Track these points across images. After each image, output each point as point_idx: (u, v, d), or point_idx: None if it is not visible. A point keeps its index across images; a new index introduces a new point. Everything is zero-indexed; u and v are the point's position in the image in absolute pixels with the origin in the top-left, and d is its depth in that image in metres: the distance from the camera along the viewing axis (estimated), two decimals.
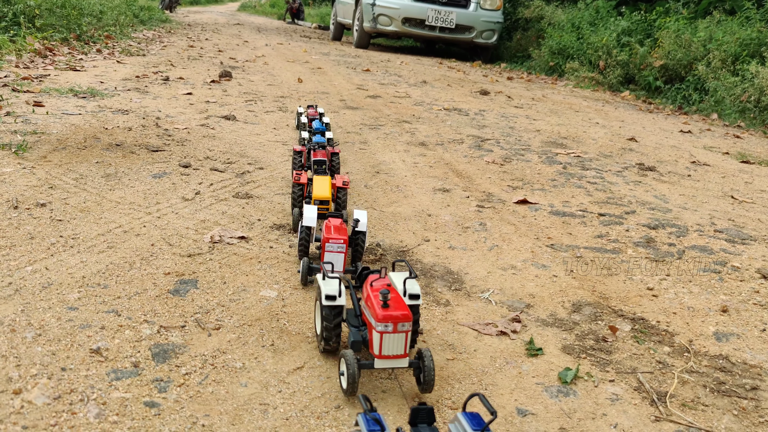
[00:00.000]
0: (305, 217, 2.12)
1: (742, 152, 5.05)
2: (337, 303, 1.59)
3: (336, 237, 1.96)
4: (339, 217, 2.12)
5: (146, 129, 3.86)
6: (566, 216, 2.94)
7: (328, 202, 2.40)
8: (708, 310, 2.09)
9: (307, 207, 2.16)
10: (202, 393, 1.48)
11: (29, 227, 2.29)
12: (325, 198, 2.39)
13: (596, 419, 1.50)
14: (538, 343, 1.82)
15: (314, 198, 2.40)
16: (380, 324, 1.47)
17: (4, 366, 1.50)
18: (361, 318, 1.62)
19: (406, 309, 1.50)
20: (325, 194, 2.40)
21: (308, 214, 2.13)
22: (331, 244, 1.96)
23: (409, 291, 1.62)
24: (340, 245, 1.96)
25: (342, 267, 1.98)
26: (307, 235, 2.12)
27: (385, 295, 1.49)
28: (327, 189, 2.43)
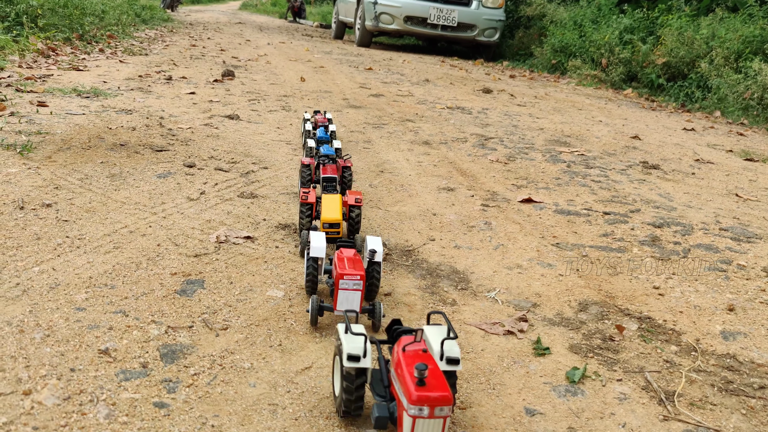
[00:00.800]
0: (312, 247, 1.88)
1: (746, 150, 5.05)
2: (361, 365, 1.35)
3: (351, 273, 1.73)
4: (352, 247, 1.93)
5: (150, 129, 3.87)
6: (571, 215, 2.94)
7: (339, 224, 2.21)
8: (714, 309, 2.09)
9: (315, 235, 1.91)
10: (211, 393, 1.48)
11: (35, 228, 2.29)
12: (335, 220, 2.20)
13: (604, 419, 1.50)
14: (546, 342, 1.82)
15: (323, 220, 2.20)
16: (414, 407, 1.22)
17: (14, 367, 1.50)
18: (389, 389, 1.37)
19: (446, 389, 1.24)
20: (334, 216, 2.20)
21: (316, 243, 1.88)
22: (346, 281, 1.73)
23: (447, 354, 1.38)
24: (356, 282, 1.74)
25: (358, 306, 1.75)
26: (315, 270, 1.91)
27: (421, 371, 1.23)
28: (337, 210, 2.24)
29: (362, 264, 1.80)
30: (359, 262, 1.80)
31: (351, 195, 2.34)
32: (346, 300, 1.73)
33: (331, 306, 1.76)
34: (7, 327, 1.66)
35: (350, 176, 2.76)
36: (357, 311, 1.65)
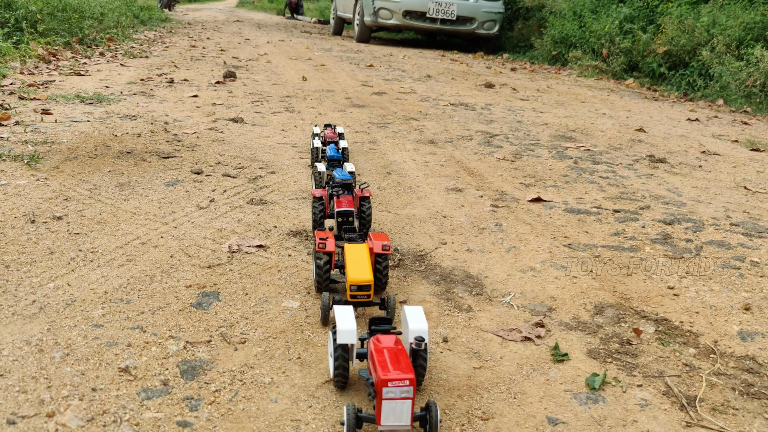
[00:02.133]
0: (340, 331, 1.49)
1: (752, 139, 5.04)
2: None
3: (398, 378, 1.32)
4: (391, 331, 1.55)
5: (155, 135, 3.86)
6: (581, 213, 2.93)
7: (370, 286, 1.80)
8: (730, 309, 2.08)
9: (342, 312, 1.54)
10: (234, 410, 1.48)
11: (48, 242, 2.29)
12: (364, 282, 1.80)
13: (627, 426, 1.50)
14: (564, 348, 1.81)
15: (350, 281, 1.80)
16: None
17: (36, 388, 1.50)
18: None
19: None
20: (364, 276, 1.80)
21: (344, 325, 1.49)
22: (392, 389, 1.32)
23: None
24: (406, 390, 1.32)
25: (409, 420, 1.35)
26: (346, 361, 1.52)
27: None
28: (366, 266, 1.84)
29: (408, 359, 1.40)
30: (405, 357, 1.40)
31: (377, 240, 1.98)
32: (393, 412, 1.33)
33: (372, 416, 1.37)
34: (27, 346, 1.66)
35: (369, 209, 2.40)
36: (409, 425, 1.34)
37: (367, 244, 1.97)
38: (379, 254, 1.96)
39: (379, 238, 1.99)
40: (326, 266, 1.95)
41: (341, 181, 2.45)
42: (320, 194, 2.40)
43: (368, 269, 1.83)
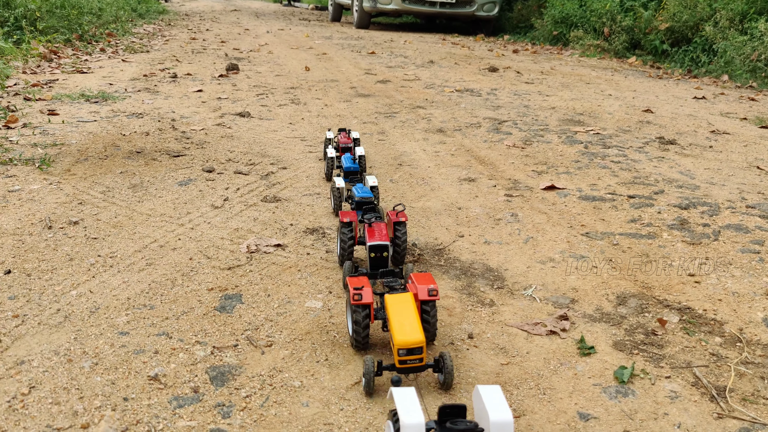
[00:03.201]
0: (405, 426, 1.18)
1: (760, 116, 5.01)
2: None
3: None
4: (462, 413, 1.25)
5: (163, 132, 3.85)
6: (596, 200, 2.93)
7: (422, 349, 1.53)
8: (753, 295, 2.08)
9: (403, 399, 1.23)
10: (266, 416, 1.49)
11: (66, 248, 2.29)
12: (416, 344, 1.52)
13: (658, 419, 1.50)
14: (589, 341, 1.82)
15: (398, 345, 1.52)
16: None
17: (68, 399, 1.51)
18: None
19: None
20: (415, 338, 1.53)
21: (410, 419, 1.18)
22: None
23: None
24: None
25: None
26: None
27: None
28: (415, 324, 1.56)
29: None
30: None
31: (421, 284, 1.68)
32: None
33: None
34: (56, 357, 1.66)
35: (404, 237, 2.10)
36: None
37: (410, 292, 1.69)
38: (425, 301, 1.68)
39: (423, 281, 1.70)
40: (365, 320, 1.67)
41: (362, 200, 2.28)
42: (349, 219, 2.08)
43: (417, 327, 1.55)
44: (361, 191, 2.37)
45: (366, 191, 2.38)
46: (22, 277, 2.07)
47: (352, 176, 2.79)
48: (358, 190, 2.38)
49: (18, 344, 1.72)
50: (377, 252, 1.98)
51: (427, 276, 1.72)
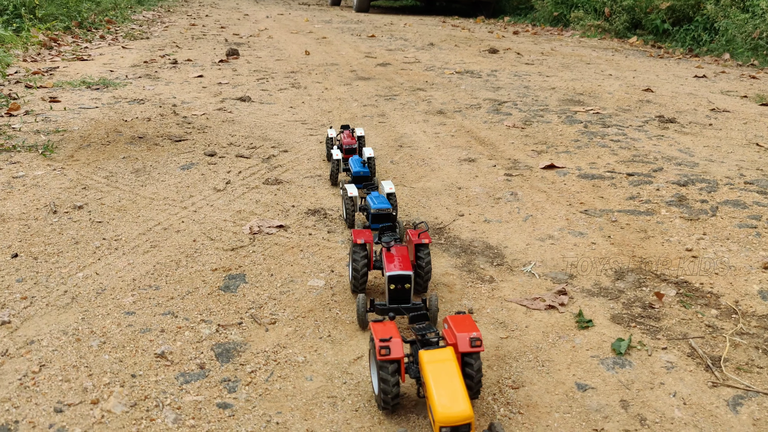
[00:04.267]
0: None
1: (761, 94, 5.01)
2: None
3: None
4: None
5: (165, 118, 3.87)
6: (595, 179, 2.95)
7: (470, 425, 1.25)
8: (750, 268, 2.11)
9: None
10: (271, 390, 1.52)
11: (72, 232, 2.32)
12: (464, 420, 1.24)
13: (655, 389, 1.54)
14: (587, 314, 1.85)
15: (439, 422, 1.24)
16: None
17: (78, 376, 1.55)
18: None
19: None
20: (461, 412, 1.24)
21: None
22: None
23: None
24: None
25: None
26: None
27: None
28: (460, 394, 1.28)
29: None
30: None
31: (460, 330, 1.43)
32: None
33: None
34: (64, 336, 1.70)
35: (428, 263, 1.83)
36: None
37: (449, 346, 1.42)
38: (466, 354, 1.41)
39: (462, 326, 1.43)
40: (395, 378, 1.39)
41: (379, 213, 2.10)
42: (364, 240, 1.82)
43: (463, 396, 1.27)
44: (377, 201, 2.18)
45: (383, 201, 2.18)
46: (29, 260, 2.11)
47: (363, 182, 2.55)
48: (374, 201, 2.19)
49: (27, 325, 1.75)
50: (398, 283, 1.70)
51: (466, 319, 1.47)
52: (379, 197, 2.24)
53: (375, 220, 2.18)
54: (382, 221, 2.17)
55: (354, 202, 2.29)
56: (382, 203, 2.15)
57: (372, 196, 2.25)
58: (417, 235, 1.84)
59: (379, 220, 2.17)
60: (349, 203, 2.29)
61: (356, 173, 2.59)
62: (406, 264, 1.74)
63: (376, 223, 2.17)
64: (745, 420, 1.43)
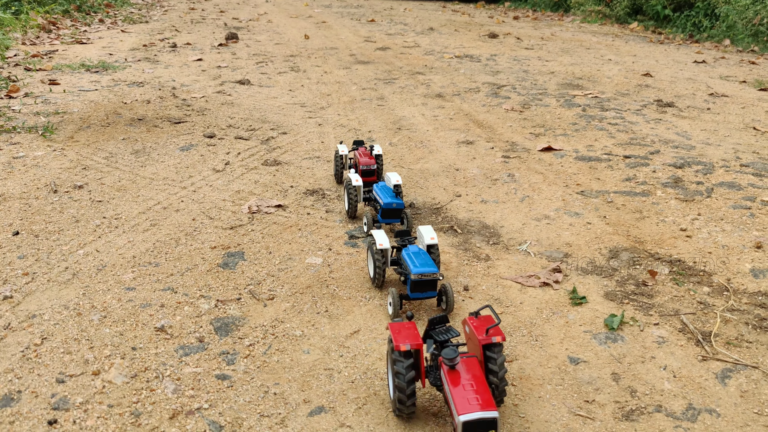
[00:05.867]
0: None
1: (760, 79, 5.01)
2: None
3: None
4: None
5: (164, 100, 3.88)
6: (592, 161, 2.96)
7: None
8: (742, 248, 2.13)
9: None
10: (269, 362, 1.55)
11: (72, 210, 2.35)
12: None
13: (646, 362, 1.57)
14: (581, 291, 1.87)
15: None
16: None
17: (79, 349, 1.57)
18: None
19: None
20: None
21: None
22: None
23: None
24: None
25: None
26: None
27: None
28: None
29: None
30: None
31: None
32: None
33: None
34: (65, 311, 1.73)
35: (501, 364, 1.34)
36: None
37: None
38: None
39: None
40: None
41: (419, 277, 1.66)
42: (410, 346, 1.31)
43: None
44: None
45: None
46: (30, 237, 2.13)
47: (394, 217, 2.15)
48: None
49: (29, 300, 1.78)
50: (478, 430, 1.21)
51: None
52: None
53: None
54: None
55: (385, 256, 1.82)
56: (425, 266, 1.72)
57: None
58: (484, 331, 1.32)
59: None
60: (379, 257, 1.81)
61: (387, 206, 2.10)
62: (487, 398, 1.22)
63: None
64: (733, 392, 1.46)
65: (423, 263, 1.72)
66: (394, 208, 2.11)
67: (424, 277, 1.67)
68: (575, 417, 1.39)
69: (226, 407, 1.40)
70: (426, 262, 1.72)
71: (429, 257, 1.76)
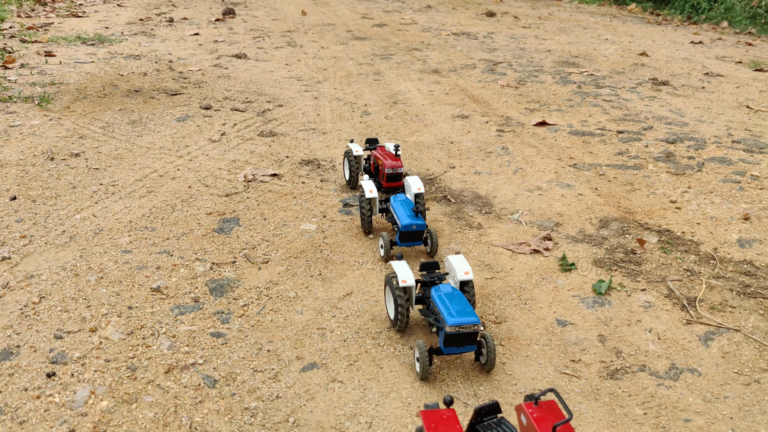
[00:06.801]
0: None
1: (756, 60, 5.02)
2: None
3: None
4: None
5: (161, 73, 3.88)
6: (585, 135, 2.99)
7: None
8: (730, 219, 2.16)
9: None
10: (262, 322, 1.58)
11: (69, 177, 2.36)
12: None
13: (632, 325, 1.60)
14: (571, 258, 1.90)
15: None
16: None
17: (76, 307, 1.60)
18: None
19: None
20: None
21: None
22: None
23: None
24: None
25: None
26: None
27: None
28: None
29: None
30: None
31: None
32: None
33: None
34: (63, 272, 1.75)
35: None
36: None
37: None
38: None
39: None
40: None
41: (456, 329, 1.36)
42: None
43: None
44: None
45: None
46: (27, 203, 2.15)
47: (415, 240, 1.84)
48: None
49: (27, 261, 1.80)
50: None
51: None
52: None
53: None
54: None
55: (409, 295, 1.52)
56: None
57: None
58: (550, 428, 0.99)
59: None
60: (400, 296, 1.48)
61: (406, 228, 1.80)
62: None
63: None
64: (715, 353, 1.50)
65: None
66: (414, 231, 1.81)
67: (461, 330, 1.37)
68: (561, 375, 1.43)
69: (220, 363, 1.43)
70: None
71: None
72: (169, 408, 1.30)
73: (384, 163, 2.07)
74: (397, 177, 2.06)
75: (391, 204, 1.89)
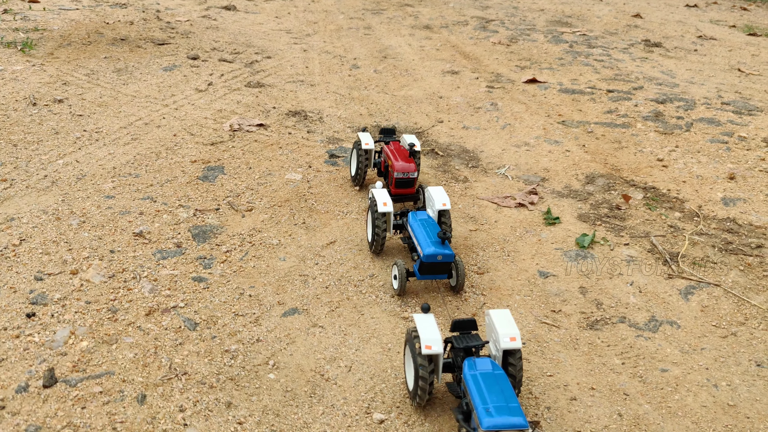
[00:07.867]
0: None
1: (749, 24, 4.99)
2: None
3: None
4: None
5: (148, 22, 3.81)
6: (575, 93, 2.97)
7: None
8: (716, 178, 2.17)
9: None
10: (245, 267, 1.58)
11: (52, 123, 2.33)
12: None
13: (613, 278, 1.61)
14: (555, 212, 1.91)
15: None
16: None
17: (57, 250, 1.59)
18: None
19: None
20: None
21: None
22: None
23: None
24: None
25: None
26: None
27: None
28: None
29: None
30: None
31: None
32: None
33: None
34: (44, 215, 1.74)
35: None
36: None
37: None
38: None
39: None
40: None
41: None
42: None
43: None
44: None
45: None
46: (8, 147, 2.12)
47: (441, 273, 1.48)
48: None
49: (7, 204, 1.78)
50: None
51: None
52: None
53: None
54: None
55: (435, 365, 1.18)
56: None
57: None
58: None
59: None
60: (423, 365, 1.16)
61: (429, 258, 1.44)
62: None
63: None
64: (695, 306, 1.52)
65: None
66: (439, 262, 1.45)
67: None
68: (541, 324, 1.44)
69: (201, 306, 1.43)
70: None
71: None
72: (149, 349, 1.30)
73: (394, 165, 1.76)
74: (409, 183, 1.76)
75: (410, 224, 1.54)
